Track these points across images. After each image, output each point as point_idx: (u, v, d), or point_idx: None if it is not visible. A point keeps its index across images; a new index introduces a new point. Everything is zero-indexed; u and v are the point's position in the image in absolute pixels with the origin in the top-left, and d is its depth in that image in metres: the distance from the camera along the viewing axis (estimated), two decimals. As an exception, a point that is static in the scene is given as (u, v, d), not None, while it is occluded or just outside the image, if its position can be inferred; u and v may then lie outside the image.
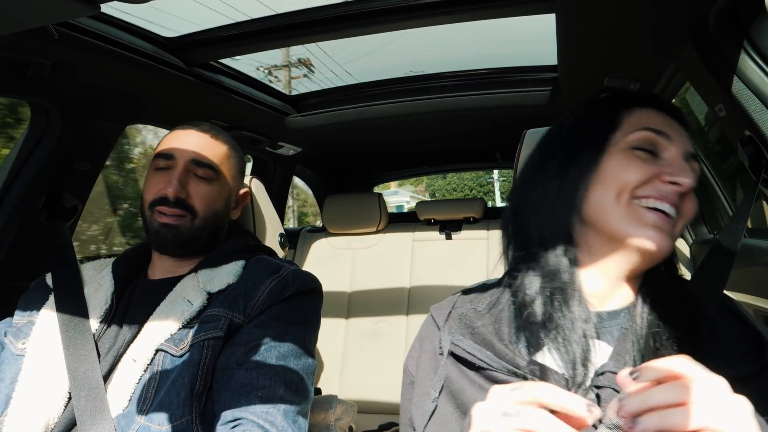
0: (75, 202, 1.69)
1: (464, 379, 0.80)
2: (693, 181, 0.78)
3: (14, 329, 1.19)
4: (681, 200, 0.79)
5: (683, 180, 0.77)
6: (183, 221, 1.20)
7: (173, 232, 1.20)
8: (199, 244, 1.25)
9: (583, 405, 0.53)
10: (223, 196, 1.28)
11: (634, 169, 0.80)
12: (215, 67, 1.84)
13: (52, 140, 1.58)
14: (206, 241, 1.26)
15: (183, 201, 1.20)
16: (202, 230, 1.23)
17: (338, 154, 3.13)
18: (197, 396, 1.03)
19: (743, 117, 1.07)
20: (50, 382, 1.08)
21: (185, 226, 1.20)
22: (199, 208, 1.22)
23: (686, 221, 0.81)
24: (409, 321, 2.71)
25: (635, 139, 0.82)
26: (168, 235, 1.20)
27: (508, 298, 0.85)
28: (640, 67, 1.51)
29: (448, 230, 2.88)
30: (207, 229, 1.24)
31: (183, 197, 1.20)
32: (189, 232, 1.21)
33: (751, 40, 1.04)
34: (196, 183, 1.23)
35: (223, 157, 1.28)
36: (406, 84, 2.25)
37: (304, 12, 1.53)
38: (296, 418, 1.05)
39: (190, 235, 1.21)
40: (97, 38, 1.35)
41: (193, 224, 1.21)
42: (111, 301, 1.20)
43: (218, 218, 1.27)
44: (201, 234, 1.23)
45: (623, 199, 0.79)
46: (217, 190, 1.26)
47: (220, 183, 1.27)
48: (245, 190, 1.38)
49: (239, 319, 1.10)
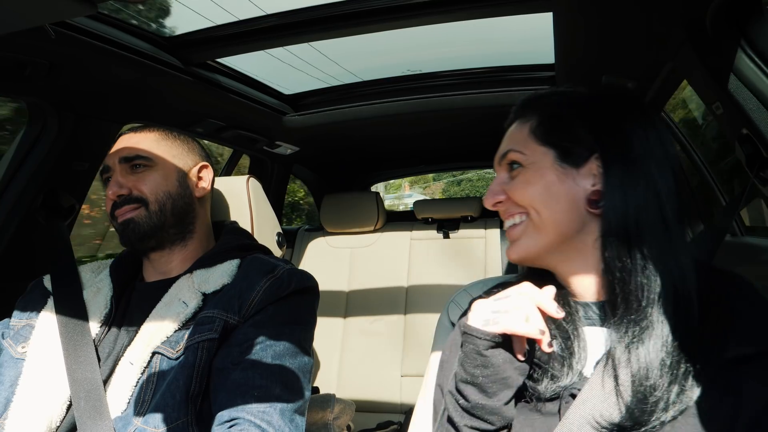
0: (72, 201, 1.69)
1: None
2: (491, 196, 0.89)
3: (13, 332, 1.19)
4: (508, 198, 0.88)
5: (485, 205, 0.91)
6: (138, 212, 1.21)
7: (132, 225, 1.21)
8: (170, 230, 1.25)
9: (554, 305, 0.77)
10: (172, 177, 1.27)
11: None
12: (213, 67, 1.83)
13: (49, 140, 1.58)
14: (177, 224, 1.26)
15: (129, 196, 1.22)
16: (162, 214, 1.23)
17: (336, 153, 3.13)
18: (193, 398, 1.03)
19: (741, 115, 1.07)
20: (51, 386, 1.09)
21: (141, 216, 1.21)
22: (147, 195, 1.22)
23: (521, 200, 0.85)
24: (407, 319, 2.72)
25: None
26: (128, 230, 1.21)
27: None
28: (638, 65, 1.51)
29: (446, 229, 2.88)
30: (167, 211, 1.24)
31: (126, 193, 1.22)
32: (148, 220, 1.21)
33: (749, 38, 1.04)
34: (135, 176, 1.24)
35: (152, 142, 1.28)
36: (403, 83, 2.25)
37: (301, 11, 1.53)
38: (293, 417, 1.05)
39: (151, 222, 1.22)
40: (95, 38, 1.34)
41: (149, 211, 1.22)
42: (110, 306, 1.20)
43: (176, 198, 1.26)
44: (163, 218, 1.23)
45: None
46: (160, 173, 1.25)
47: (160, 166, 1.26)
48: (202, 164, 1.36)
49: (234, 320, 1.10)
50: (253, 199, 1.53)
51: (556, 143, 0.84)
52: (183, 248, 1.28)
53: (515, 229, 0.87)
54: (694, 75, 1.25)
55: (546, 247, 0.84)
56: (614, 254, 0.79)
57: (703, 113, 2.27)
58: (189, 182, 1.30)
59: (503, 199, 0.88)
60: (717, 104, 1.17)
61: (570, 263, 0.85)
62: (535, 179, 0.84)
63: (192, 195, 1.30)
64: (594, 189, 0.82)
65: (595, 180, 0.82)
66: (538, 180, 0.84)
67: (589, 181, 0.82)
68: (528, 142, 0.86)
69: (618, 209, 0.79)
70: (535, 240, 0.84)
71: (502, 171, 0.90)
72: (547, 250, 0.85)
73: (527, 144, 0.86)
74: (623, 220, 0.78)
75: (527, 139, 0.87)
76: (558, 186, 0.83)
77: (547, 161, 0.84)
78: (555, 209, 0.82)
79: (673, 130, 2.07)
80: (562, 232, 0.83)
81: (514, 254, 0.87)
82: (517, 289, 0.79)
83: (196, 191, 1.32)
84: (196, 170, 1.34)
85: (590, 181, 0.82)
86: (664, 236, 0.77)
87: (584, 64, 1.57)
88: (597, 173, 0.82)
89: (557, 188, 0.83)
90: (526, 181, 0.84)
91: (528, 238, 0.85)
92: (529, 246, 0.85)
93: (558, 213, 0.82)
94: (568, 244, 0.84)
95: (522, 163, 0.86)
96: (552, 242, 0.84)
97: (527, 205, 0.84)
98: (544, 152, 0.85)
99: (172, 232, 1.25)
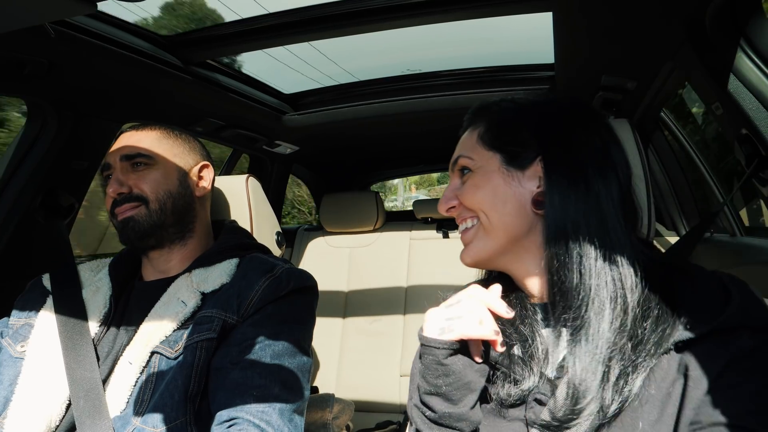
0: (72, 200, 1.69)
1: None
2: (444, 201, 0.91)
3: (11, 331, 1.19)
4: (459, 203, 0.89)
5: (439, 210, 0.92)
6: (138, 211, 1.21)
7: (131, 224, 1.20)
8: (170, 229, 1.25)
9: (504, 305, 0.79)
10: (173, 176, 1.27)
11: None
12: (212, 66, 1.83)
13: (48, 139, 1.58)
14: (177, 223, 1.26)
15: (130, 194, 1.22)
16: (162, 213, 1.23)
17: (335, 153, 3.13)
18: (191, 398, 1.03)
19: (740, 115, 1.08)
20: (50, 385, 1.09)
21: (141, 215, 1.21)
22: (147, 193, 1.22)
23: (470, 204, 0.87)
24: (407, 319, 2.72)
25: None
26: (128, 229, 1.21)
27: None
28: (638, 65, 1.51)
29: (445, 229, 2.88)
30: (167, 210, 1.24)
31: (127, 191, 1.22)
32: (148, 219, 1.21)
33: (748, 38, 1.04)
34: (137, 173, 1.23)
35: (154, 140, 1.28)
36: (402, 82, 2.25)
37: (300, 10, 1.53)
38: (292, 417, 1.05)
39: (151, 221, 1.21)
40: (94, 36, 1.34)
41: (149, 209, 1.22)
42: (109, 305, 1.20)
43: (176, 197, 1.26)
44: (163, 217, 1.23)
45: None
46: (161, 172, 1.25)
47: (161, 164, 1.26)
48: (203, 163, 1.35)
49: (233, 320, 1.10)
50: (252, 199, 1.53)
51: (502, 147, 0.86)
52: (182, 247, 1.27)
53: (467, 233, 0.89)
54: (693, 75, 1.25)
55: (497, 249, 0.86)
56: (552, 254, 0.80)
57: (702, 113, 2.27)
58: (190, 181, 1.30)
59: (456, 204, 0.90)
60: (717, 104, 1.17)
61: (521, 264, 0.87)
62: (482, 183, 0.86)
63: (192, 194, 1.30)
64: (539, 191, 0.83)
65: (540, 182, 0.84)
66: (486, 183, 0.86)
67: (534, 183, 0.84)
68: (476, 147, 0.89)
69: (557, 210, 0.81)
70: (485, 243, 0.86)
71: (455, 177, 0.92)
72: (498, 252, 0.86)
73: (475, 149, 0.89)
74: (562, 221, 0.80)
75: (475, 144, 0.89)
76: (504, 188, 0.85)
77: (494, 165, 0.86)
78: (502, 212, 0.84)
79: (672, 130, 2.07)
80: (510, 234, 0.85)
81: (467, 258, 0.89)
82: (466, 293, 0.82)
83: (197, 190, 1.32)
84: (197, 169, 1.33)
85: (535, 183, 0.84)
86: (602, 239, 0.78)
87: (584, 63, 1.57)
88: (542, 175, 0.84)
89: (503, 191, 0.85)
90: (475, 185, 0.87)
91: (479, 241, 0.87)
92: (480, 249, 0.87)
93: (505, 216, 0.84)
94: (517, 245, 0.86)
95: (471, 168, 0.88)
96: (502, 244, 0.86)
97: (476, 208, 0.86)
98: (490, 156, 0.87)
99: (171, 231, 1.25)
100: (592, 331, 0.75)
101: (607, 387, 0.73)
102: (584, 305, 0.76)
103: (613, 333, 0.74)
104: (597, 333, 0.75)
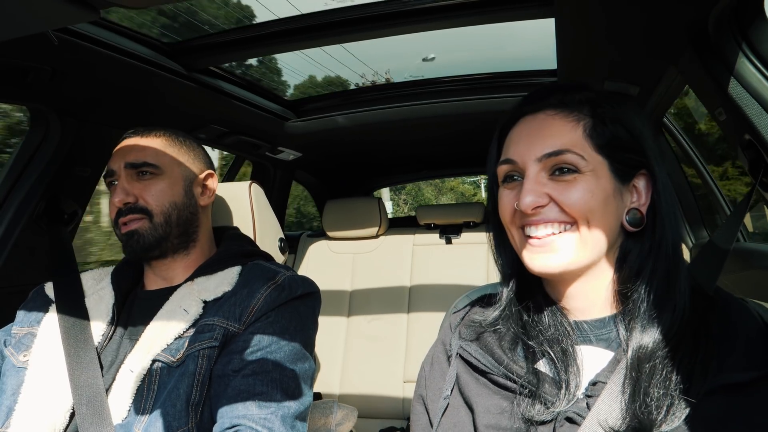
0: (75, 207, 1.69)
1: (470, 377, 0.86)
2: (535, 197, 0.76)
3: (14, 340, 1.19)
4: (552, 204, 0.77)
5: (523, 205, 0.76)
6: (142, 224, 1.19)
7: (136, 237, 1.19)
8: (174, 240, 1.24)
9: None
10: (178, 186, 1.25)
11: (503, 205, 0.83)
12: (215, 73, 1.84)
13: (52, 146, 1.58)
14: (181, 234, 1.25)
15: (134, 205, 1.20)
16: (167, 225, 1.21)
17: (338, 159, 3.13)
18: (193, 406, 1.03)
19: (743, 121, 1.07)
20: (54, 394, 1.08)
21: (145, 228, 1.19)
22: (152, 206, 1.20)
23: (577, 210, 0.76)
24: (410, 326, 2.71)
25: (500, 175, 0.85)
26: (132, 242, 1.19)
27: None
28: (640, 71, 1.51)
29: (448, 234, 2.88)
30: (172, 222, 1.22)
31: (132, 201, 1.20)
32: (153, 232, 1.20)
33: (751, 44, 1.04)
34: (141, 183, 1.21)
35: (160, 148, 1.25)
36: (405, 89, 2.25)
37: (302, 17, 1.53)
38: (294, 423, 1.04)
39: (156, 234, 1.20)
40: (97, 44, 1.35)
41: (153, 223, 1.20)
42: (112, 314, 1.20)
43: (181, 209, 1.24)
44: (168, 229, 1.22)
45: (513, 232, 0.83)
46: (167, 182, 1.23)
47: (167, 174, 1.24)
48: (208, 172, 1.33)
49: (235, 328, 1.10)
50: (255, 205, 1.52)
51: (611, 154, 0.77)
52: (186, 256, 1.27)
53: (554, 238, 0.77)
54: (696, 80, 1.25)
55: (590, 262, 0.78)
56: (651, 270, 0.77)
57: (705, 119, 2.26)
58: (194, 191, 1.29)
59: (545, 203, 0.77)
60: (719, 110, 1.17)
61: (583, 280, 0.80)
62: (596, 189, 0.75)
63: (197, 204, 1.29)
64: (633, 206, 0.79)
65: (638, 197, 0.79)
66: (600, 191, 0.75)
67: (631, 197, 0.79)
68: (585, 146, 0.77)
69: (666, 229, 0.77)
70: (583, 253, 0.76)
71: (540, 170, 0.78)
72: (589, 266, 0.78)
73: (585, 148, 0.77)
74: (666, 240, 0.77)
75: (584, 142, 0.77)
76: (614, 200, 0.77)
77: (604, 171, 0.77)
78: (606, 224, 0.76)
79: (675, 136, 2.07)
80: (604, 249, 0.77)
81: (555, 264, 0.77)
82: None
83: (201, 200, 1.30)
84: (202, 178, 1.32)
85: (631, 197, 0.79)
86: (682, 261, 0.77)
87: (586, 69, 1.57)
88: (642, 190, 0.79)
89: (612, 202, 0.76)
90: (589, 190, 0.75)
91: (576, 251, 0.76)
92: (576, 259, 0.77)
93: (607, 229, 0.76)
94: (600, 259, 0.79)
95: (581, 170, 0.76)
96: (593, 258, 0.78)
97: (580, 215, 0.75)
98: (601, 161, 0.77)
99: (175, 242, 1.24)
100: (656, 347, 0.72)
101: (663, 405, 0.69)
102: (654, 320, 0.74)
103: (673, 356, 0.71)
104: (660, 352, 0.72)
